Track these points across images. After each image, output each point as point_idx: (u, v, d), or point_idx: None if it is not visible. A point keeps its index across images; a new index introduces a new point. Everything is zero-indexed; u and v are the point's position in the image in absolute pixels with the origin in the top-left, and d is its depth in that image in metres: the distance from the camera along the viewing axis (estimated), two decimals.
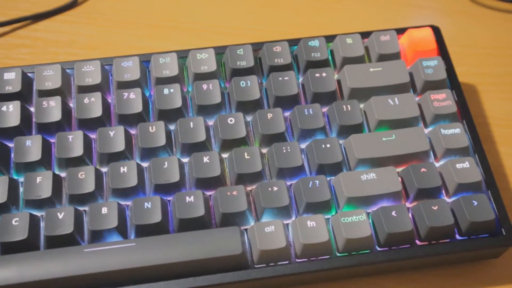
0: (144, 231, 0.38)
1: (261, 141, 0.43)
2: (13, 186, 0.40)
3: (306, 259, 0.38)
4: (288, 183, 0.41)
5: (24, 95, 0.44)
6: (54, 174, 0.40)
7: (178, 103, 0.43)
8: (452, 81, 0.46)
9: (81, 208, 0.40)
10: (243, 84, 0.44)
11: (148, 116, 0.44)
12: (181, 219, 0.39)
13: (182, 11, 0.56)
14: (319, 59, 0.46)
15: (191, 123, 0.42)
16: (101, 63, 0.45)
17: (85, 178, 0.40)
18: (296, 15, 0.56)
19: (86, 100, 0.43)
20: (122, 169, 0.40)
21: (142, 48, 0.52)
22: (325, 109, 0.45)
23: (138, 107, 0.43)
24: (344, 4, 0.57)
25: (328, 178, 0.41)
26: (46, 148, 0.42)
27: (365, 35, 0.48)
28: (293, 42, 0.47)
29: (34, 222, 0.38)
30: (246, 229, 0.39)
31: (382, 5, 0.57)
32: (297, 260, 0.38)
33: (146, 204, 0.39)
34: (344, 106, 0.43)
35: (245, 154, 0.41)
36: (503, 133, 0.49)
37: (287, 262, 0.38)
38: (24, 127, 0.42)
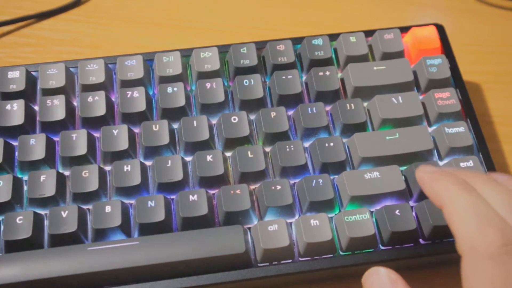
0: (148, 229, 0.38)
1: (264, 139, 0.43)
2: (17, 184, 0.40)
3: (309, 258, 0.38)
4: (292, 181, 0.41)
5: (28, 93, 0.44)
6: (58, 173, 0.40)
7: (181, 102, 0.43)
8: (456, 80, 0.46)
9: (85, 207, 0.40)
10: (246, 82, 0.44)
11: (152, 114, 0.44)
12: (185, 218, 0.39)
13: (185, 9, 0.56)
14: (323, 57, 0.46)
15: (195, 122, 0.42)
16: (104, 61, 0.45)
17: (89, 177, 0.40)
18: (299, 14, 0.56)
19: (90, 99, 0.43)
20: (125, 168, 0.40)
21: (146, 47, 0.52)
22: (328, 108, 0.45)
23: (141, 106, 0.43)
24: (348, 2, 0.57)
25: (331, 177, 0.41)
26: (50, 146, 0.42)
27: (368, 33, 0.47)
28: (296, 41, 0.47)
29: (38, 220, 0.39)
30: (249, 228, 0.39)
31: (386, 3, 0.56)
32: (301, 259, 0.38)
33: (149, 202, 0.39)
34: (347, 105, 0.43)
35: (249, 152, 0.41)
36: (507, 132, 0.49)
37: (290, 260, 0.38)
38: (28, 126, 0.43)
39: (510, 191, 0.29)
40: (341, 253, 0.39)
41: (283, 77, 0.45)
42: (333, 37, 0.47)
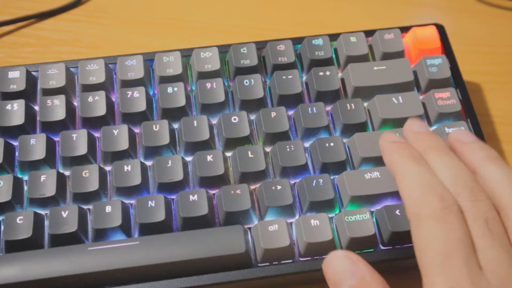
0: (148, 229, 0.38)
1: (264, 139, 0.43)
2: (17, 184, 0.40)
3: (309, 258, 0.38)
4: (292, 181, 0.41)
5: (28, 93, 0.44)
6: (58, 173, 0.40)
7: (181, 102, 0.43)
8: (456, 80, 0.46)
9: (85, 207, 0.40)
10: (246, 82, 0.44)
11: (152, 114, 0.44)
12: (185, 218, 0.39)
13: (185, 9, 0.56)
14: (323, 57, 0.46)
15: (195, 122, 0.42)
16: (105, 61, 0.45)
17: (89, 177, 0.40)
18: (299, 14, 0.56)
19: (90, 99, 0.43)
20: (126, 168, 0.40)
21: (146, 47, 0.52)
22: (329, 108, 0.45)
23: (142, 106, 0.43)
24: (348, 2, 0.57)
25: (331, 177, 0.41)
26: (50, 146, 0.42)
27: (369, 33, 0.48)
28: (296, 41, 0.47)
29: (38, 220, 0.39)
30: (249, 228, 0.39)
31: (386, 3, 0.56)
32: (301, 259, 0.38)
33: (150, 202, 0.39)
34: (348, 105, 0.43)
35: (249, 152, 0.41)
36: (507, 132, 0.49)
37: (290, 260, 0.38)
38: (29, 126, 0.43)
39: (459, 165, 0.32)
40: None
41: (283, 77, 0.45)
42: (333, 37, 0.47)
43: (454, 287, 0.27)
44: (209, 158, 0.41)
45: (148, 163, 0.42)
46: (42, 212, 0.40)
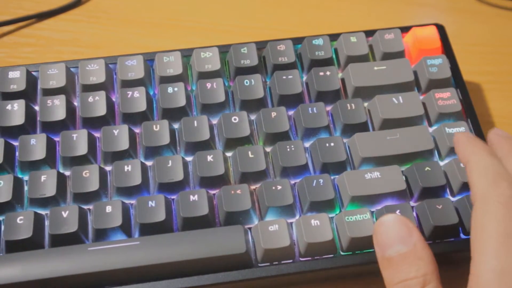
0: (148, 229, 0.38)
1: (265, 139, 0.43)
2: (17, 184, 0.40)
3: (310, 258, 0.38)
4: (292, 181, 0.41)
5: (28, 93, 0.44)
6: (58, 173, 0.40)
7: (182, 102, 0.43)
8: (456, 80, 0.46)
9: (85, 207, 0.40)
10: (247, 82, 0.44)
11: (152, 114, 0.44)
12: (185, 218, 0.39)
13: (185, 9, 0.56)
14: (323, 57, 0.46)
15: (195, 122, 0.42)
16: (105, 61, 0.45)
17: (90, 177, 0.40)
18: (300, 14, 0.56)
19: (90, 99, 0.43)
20: (126, 168, 0.40)
21: (146, 47, 0.52)
22: (329, 108, 0.45)
23: (142, 106, 0.43)
24: (348, 2, 0.57)
25: (332, 177, 0.41)
26: (51, 146, 0.42)
27: (369, 33, 0.48)
28: (297, 41, 0.47)
29: (38, 220, 0.39)
30: (250, 228, 0.39)
31: (386, 3, 0.57)
32: (301, 259, 0.38)
33: (150, 202, 0.39)
34: (348, 105, 0.43)
35: (249, 152, 0.41)
36: (507, 132, 0.49)
37: (291, 261, 0.38)
38: (29, 126, 0.43)
39: None
40: (342, 253, 0.39)
41: (284, 77, 0.45)
42: (334, 37, 0.47)
43: (506, 268, 0.27)
44: (209, 158, 0.41)
45: (149, 163, 0.42)
46: (42, 212, 0.40)
